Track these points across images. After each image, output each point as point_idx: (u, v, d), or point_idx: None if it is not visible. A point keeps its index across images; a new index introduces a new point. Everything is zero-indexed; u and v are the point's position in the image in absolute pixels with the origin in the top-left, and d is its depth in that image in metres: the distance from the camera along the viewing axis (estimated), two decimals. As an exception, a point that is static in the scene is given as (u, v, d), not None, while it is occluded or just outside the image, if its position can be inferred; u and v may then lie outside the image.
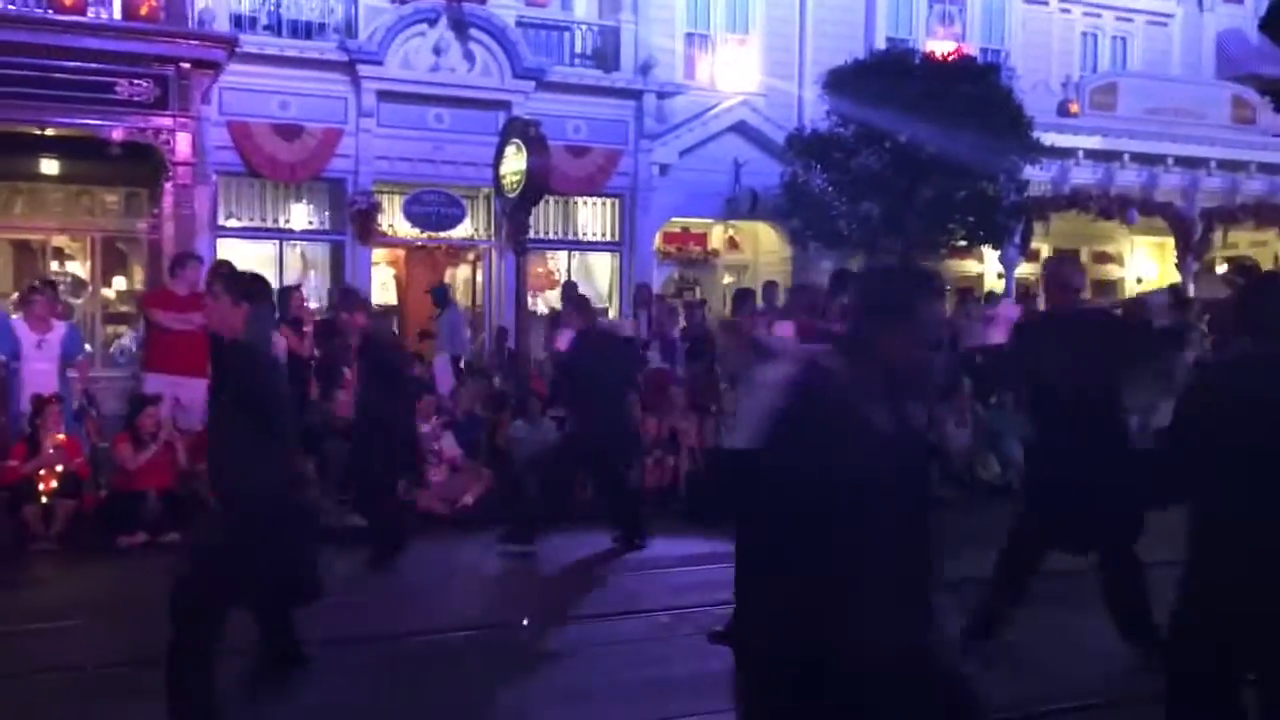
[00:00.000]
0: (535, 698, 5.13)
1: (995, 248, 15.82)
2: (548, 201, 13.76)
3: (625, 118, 14.98)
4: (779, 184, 14.62)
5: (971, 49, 16.08)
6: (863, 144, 13.52)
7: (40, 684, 5.25)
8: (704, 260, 17.05)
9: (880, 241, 13.79)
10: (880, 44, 16.09)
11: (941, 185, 13.39)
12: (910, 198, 13.30)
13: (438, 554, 8.31)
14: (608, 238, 15.45)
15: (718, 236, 16.96)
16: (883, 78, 13.28)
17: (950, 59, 14.13)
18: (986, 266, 17.59)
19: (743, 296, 12.92)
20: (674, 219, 15.91)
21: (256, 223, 13.71)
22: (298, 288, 11.50)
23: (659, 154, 15.17)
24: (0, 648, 5.80)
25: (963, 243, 14.71)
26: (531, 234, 12.93)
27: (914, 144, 13.04)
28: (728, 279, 17.02)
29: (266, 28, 13.33)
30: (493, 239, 14.59)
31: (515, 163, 11.97)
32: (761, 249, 16.99)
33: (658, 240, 15.82)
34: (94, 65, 11.06)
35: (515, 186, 11.98)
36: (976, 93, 13.31)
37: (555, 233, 15.11)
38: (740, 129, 15.64)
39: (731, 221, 16.36)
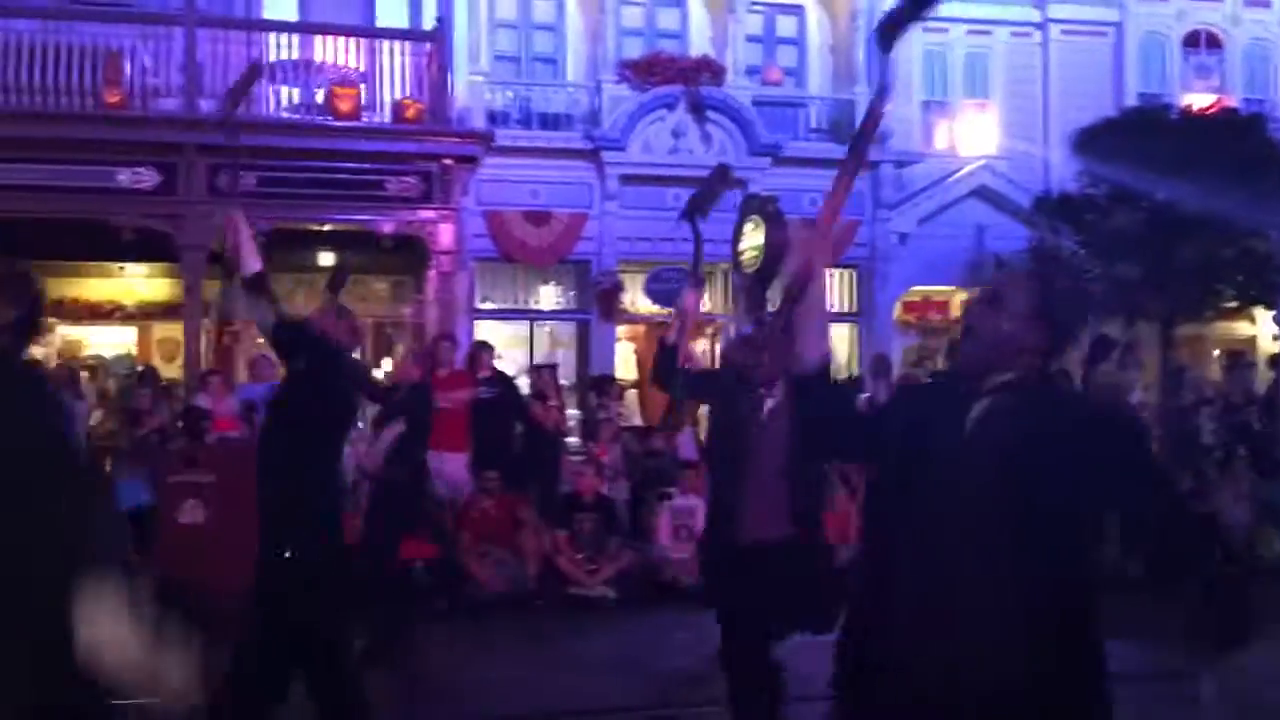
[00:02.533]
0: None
1: (1269, 308, 14.69)
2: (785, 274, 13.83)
3: (862, 188, 14.93)
4: (1025, 248, 14.18)
5: (1233, 100, 15.18)
6: (1116, 204, 12.94)
7: None
8: (945, 329, 16.66)
9: (1140, 304, 13.10)
10: (1131, 100, 15.43)
11: (1205, 244, 12.62)
12: (1171, 258, 12.59)
13: (686, 625, 8.37)
14: (846, 308, 15.35)
15: (960, 304, 16.54)
16: (1136, 135, 12.71)
17: (1210, 112, 13.39)
18: (1260, 328, 16.34)
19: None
20: (914, 288, 15.65)
21: (509, 305, 14.46)
22: (553, 367, 11.99)
23: (897, 222, 15.04)
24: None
25: (1232, 304, 13.76)
26: (769, 307, 13.03)
27: (1173, 202, 12.38)
28: (972, 348, 16.51)
29: (518, 121, 14.16)
30: (730, 313, 14.78)
31: (753, 238, 12.06)
32: (1008, 316, 16.44)
33: (897, 310, 15.59)
34: (366, 165, 12.05)
35: (753, 262, 12.10)
36: (1240, 146, 12.53)
37: (793, 305, 15.13)
38: (982, 193, 15.30)
39: (975, 288, 15.92)
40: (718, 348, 15.26)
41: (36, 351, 14.25)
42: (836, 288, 15.36)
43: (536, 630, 8.33)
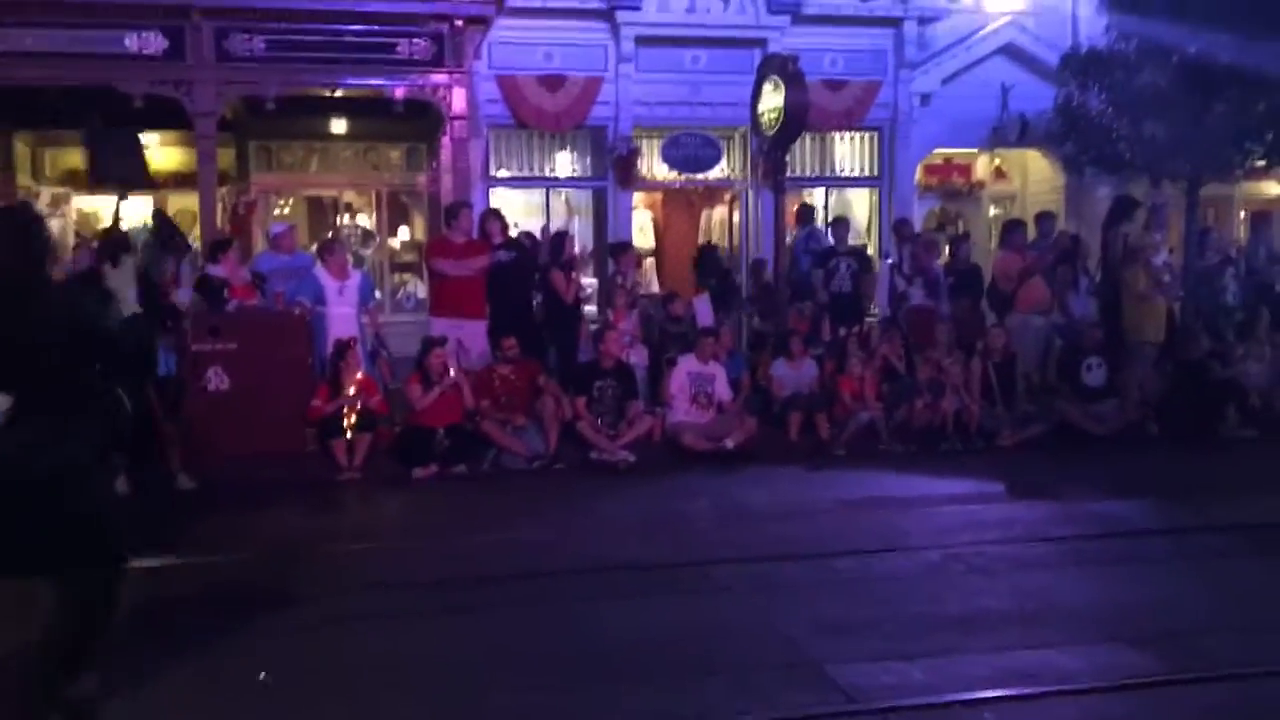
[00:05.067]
0: (805, 629, 5.21)
1: (1298, 168, 14.39)
2: (804, 138, 13.56)
3: (884, 47, 14.54)
4: (1051, 108, 13.85)
5: (1270, -51, 14.56)
6: (1146, 60, 12.56)
7: (348, 599, 5.76)
8: (968, 192, 16.43)
9: (1167, 164, 12.85)
10: (1164, -50, 14.83)
11: (1236, 102, 12.27)
12: (1201, 116, 12.27)
13: (705, 488, 8.53)
14: (866, 172, 15.12)
15: (983, 167, 16.26)
16: (1169, -13, 12.27)
17: (1246, -38, 12.84)
18: (1288, 188, 16.08)
19: (1012, 228, 12.45)
20: (936, 150, 15.37)
21: (524, 172, 14.26)
22: (569, 234, 11.89)
23: (920, 83, 14.65)
24: (314, 567, 6.41)
25: (1261, 163, 13.47)
26: (788, 172, 12.87)
27: (1205, 57, 12.00)
28: (994, 211, 16.33)
29: (531, -20, 13.73)
30: (749, 178, 14.59)
31: (772, 100, 11.89)
32: (1031, 178, 16.19)
33: (919, 173, 15.34)
34: (376, 27, 11.76)
35: (772, 124, 11.91)
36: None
37: (812, 170, 14.94)
38: (1008, 51, 14.86)
39: (998, 150, 15.66)
40: (735, 217, 15.12)
41: (54, 224, 14.26)
42: (856, 151, 15.11)
43: (558, 494, 8.50)
